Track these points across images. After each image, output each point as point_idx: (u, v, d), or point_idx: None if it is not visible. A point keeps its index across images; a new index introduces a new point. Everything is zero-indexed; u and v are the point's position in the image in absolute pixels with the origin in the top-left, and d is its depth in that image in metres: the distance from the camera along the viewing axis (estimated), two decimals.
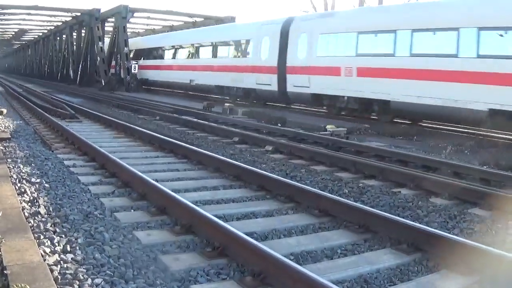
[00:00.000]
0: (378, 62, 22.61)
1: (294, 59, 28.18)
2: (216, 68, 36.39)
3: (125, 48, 47.34)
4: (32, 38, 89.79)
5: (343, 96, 24.79)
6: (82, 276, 5.07)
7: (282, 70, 29.05)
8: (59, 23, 65.46)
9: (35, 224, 6.51)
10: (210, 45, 38.41)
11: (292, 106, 31.25)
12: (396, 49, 21.83)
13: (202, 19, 53.36)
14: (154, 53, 48.66)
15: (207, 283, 5.53)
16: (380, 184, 10.69)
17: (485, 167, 12.81)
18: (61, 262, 5.38)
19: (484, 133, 19.00)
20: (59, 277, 4.97)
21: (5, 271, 4.75)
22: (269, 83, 30.07)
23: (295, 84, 27.92)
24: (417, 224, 7.26)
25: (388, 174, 11.18)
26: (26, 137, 15.25)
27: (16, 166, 10.37)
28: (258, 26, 32.32)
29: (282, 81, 29.06)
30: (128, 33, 52.38)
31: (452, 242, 6.28)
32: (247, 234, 6.36)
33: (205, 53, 39.28)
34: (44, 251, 5.52)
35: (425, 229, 6.85)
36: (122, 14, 47.83)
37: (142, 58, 50.17)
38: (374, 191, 10.07)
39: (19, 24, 67.28)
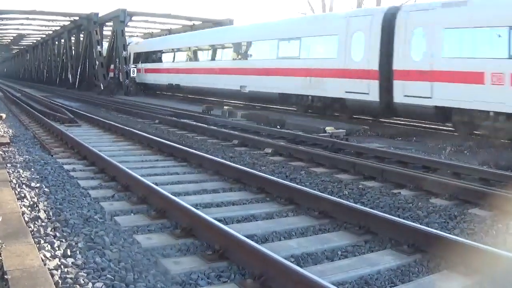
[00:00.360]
0: None
1: (406, 61, 20.88)
2: (282, 72, 27.92)
3: (124, 52, 47.33)
4: (31, 43, 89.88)
5: (488, 112, 17.95)
6: (83, 280, 5.06)
7: (386, 74, 21.78)
8: (58, 28, 65.56)
9: (35, 229, 6.51)
10: (272, 42, 29.69)
11: (290, 108, 29.63)
12: None
13: (201, 22, 53.39)
14: (182, 53, 43.35)
15: (208, 286, 5.53)
16: (380, 185, 10.69)
17: (484, 167, 12.79)
18: (62, 266, 5.37)
19: (484, 133, 18.96)
20: (60, 281, 4.97)
21: (5, 276, 4.75)
22: (366, 91, 22.59)
23: (408, 93, 20.63)
24: (418, 225, 7.26)
25: (388, 175, 11.17)
26: (25, 142, 15.26)
27: (16, 171, 10.36)
28: (345, 18, 24.29)
29: (386, 89, 21.72)
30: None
31: (452, 243, 6.28)
32: (247, 236, 6.37)
33: (262, 53, 31.05)
34: (45, 256, 5.51)
35: (425, 230, 6.85)
36: (120, 18, 47.83)
37: (157, 60, 46.71)
38: (374, 192, 10.07)
39: (18, 29, 67.37)
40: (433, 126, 21.76)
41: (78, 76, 57.30)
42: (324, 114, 25.78)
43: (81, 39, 58.24)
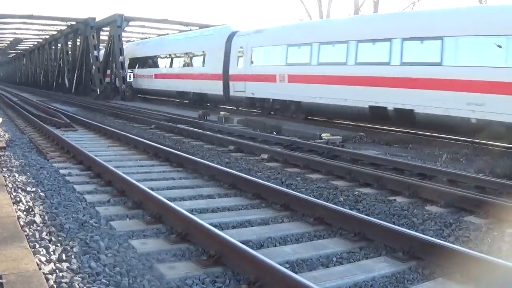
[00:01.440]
0: None
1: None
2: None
3: (120, 57, 47.28)
4: (28, 47, 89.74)
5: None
6: (78, 285, 5.06)
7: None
8: (55, 32, 65.43)
9: (30, 233, 6.50)
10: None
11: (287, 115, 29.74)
12: None
13: (197, 27, 53.36)
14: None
15: None
16: (376, 192, 10.70)
17: (480, 175, 12.82)
18: (57, 270, 5.37)
19: (480, 141, 18.99)
20: (55, 285, 4.97)
21: (0, 280, 4.74)
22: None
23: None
24: (413, 232, 7.27)
25: (384, 182, 11.19)
26: (21, 146, 15.25)
27: (12, 175, 10.35)
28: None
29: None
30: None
31: (447, 250, 6.29)
32: (242, 242, 6.36)
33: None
34: (40, 260, 5.51)
35: (420, 237, 6.86)
36: (117, 23, 47.77)
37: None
38: (369, 199, 10.08)
39: (14, 33, 67.24)
40: (429, 134, 21.76)
41: (74, 81, 57.20)
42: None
43: (78, 43, 58.13)
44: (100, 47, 54.06)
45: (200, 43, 38.88)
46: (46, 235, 6.56)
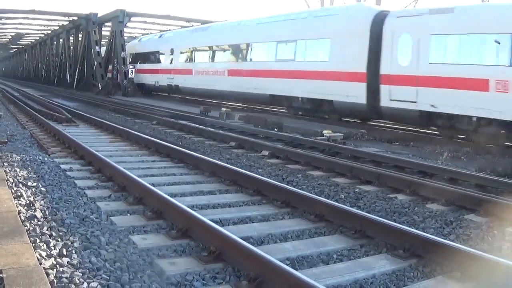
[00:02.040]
0: None
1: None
2: None
3: (122, 53, 47.24)
4: (29, 42, 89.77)
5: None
6: (78, 280, 5.06)
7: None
8: (56, 27, 65.42)
9: (31, 228, 6.50)
10: None
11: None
12: None
13: (200, 23, 53.32)
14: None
15: (203, 287, 5.53)
16: (377, 190, 10.70)
17: (481, 173, 12.81)
18: (57, 265, 5.37)
19: (481, 140, 18.97)
20: (55, 280, 4.97)
21: (1, 275, 4.75)
22: None
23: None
24: (413, 230, 7.27)
25: (385, 180, 11.18)
26: (22, 141, 15.26)
27: (13, 170, 10.36)
28: None
29: None
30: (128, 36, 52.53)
31: (448, 248, 6.29)
32: (243, 238, 6.38)
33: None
34: (40, 255, 5.51)
35: (421, 235, 6.86)
36: (119, 19, 47.73)
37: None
38: (370, 197, 10.08)
39: (16, 28, 67.29)
40: (431, 132, 21.75)
41: (76, 76, 57.16)
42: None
43: (80, 39, 58.10)
44: (102, 42, 54.04)
45: (321, 27, 26.13)
46: (47, 230, 6.57)
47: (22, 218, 6.87)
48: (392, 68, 21.46)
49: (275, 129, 21.06)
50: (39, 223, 6.83)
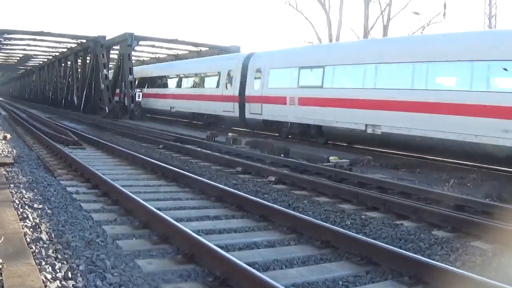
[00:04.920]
0: None
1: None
2: None
3: (130, 76, 47.39)
4: (37, 64, 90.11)
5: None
6: None
7: None
8: (65, 50, 65.66)
9: (36, 250, 6.51)
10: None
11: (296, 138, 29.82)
12: None
13: (207, 48, 53.54)
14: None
15: None
16: (383, 216, 10.68)
17: (487, 200, 12.79)
18: None
19: (487, 166, 18.94)
20: None
21: None
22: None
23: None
24: (419, 257, 7.25)
25: (391, 206, 11.17)
26: (29, 163, 15.29)
27: (19, 192, 10.39)
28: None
29: None
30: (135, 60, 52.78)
31: (454, 275, 6.27)
32: (248, 264, 6.37)
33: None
34: (45, 277, 5.52)
35: (427, 262, 6.85)
36: (128, 42, 47.90)
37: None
38: (376, 223, 10.06)
39: (25, 49, 67.50)
40: (436, 158, 21.73)
41: (83, 99, 57.27)
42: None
43: (88, 61, 58.27)
44: (109, 65, 54.23)
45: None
46: (53, 252, 6.58)
47: (28, 240, 6.88)
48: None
49: (282, 155, 21.06)
50: (45, 245, 6.84)
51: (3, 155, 16.26)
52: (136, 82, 50.53)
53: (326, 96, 25.37)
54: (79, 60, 62.99)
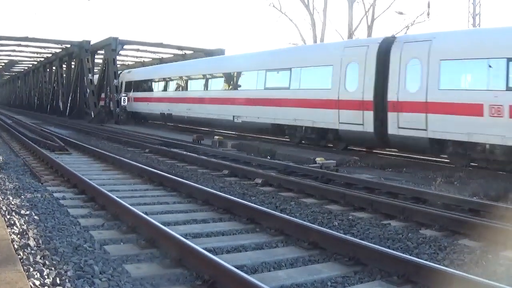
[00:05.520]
0: None
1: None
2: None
3: (115, 81, 47.32)
4: (22, 70, 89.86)
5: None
6: None
7: None
8: (49, 55, 65.49)
9: (24, 256, 6.49)
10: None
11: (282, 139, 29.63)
12: None
13: (192, 51, 53.50)
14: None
15: None
16: (370, 216, 10.70)
17: (474, 198, 12.83)
18: None
19: (474, 164, 19.01)
20: None
21: None
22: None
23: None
24: (407, 256, 7.28)
25: (378, 206, 11.19)
26: (15, 169, 15.24)
27: (6, 198, 10.35)
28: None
29: None
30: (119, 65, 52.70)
31: (442, 274, 6.28)
32: (237, 267, 6.36)
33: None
34: (34, 284, 5.50)
35: (415, 261, 6.87)
36: (112, 46, 47.88)
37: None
38: (364, 224, 10.08)
39: (9, 55, 67.33)
40: (423, 157, 21.79)
41: (69, 104, 57.16)
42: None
43: (73, 66, 58.16)
44: (94, 70, 54.13)
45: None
46: (40, 258, 6.56)
47: (16, 246, 6.86)
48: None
49: (268, 157, 21.06)
50: (33, 251, 6.82)
51: None
52: (162, 84, 43.84)
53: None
54: (64, 66, 62.86)
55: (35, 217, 9.03)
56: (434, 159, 21.12)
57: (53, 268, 6.23)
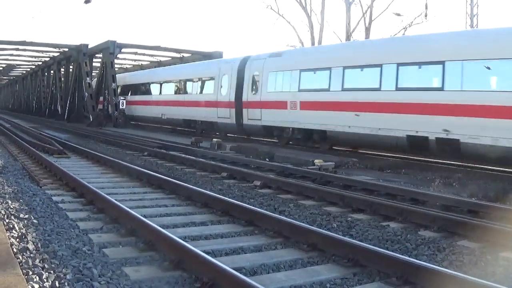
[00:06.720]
0: None
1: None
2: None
3: (113, 84, 47.30)
4: (20, 74, 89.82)
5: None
6: None
7: None
8: (47, 59, 65.47)
9: (23, 260, 6.48)
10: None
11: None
12: None
13: (190, 54, 53.49)
14: None
15: None
16: (369, 218, 10.71)
17: (473, 199, 12.85)
18: None
19: (472, 165, 19.04)
20: None
21: None
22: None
23: None
24: (406, 257, 7.28)
25: (377, 208, 11.19)
26: (14, 173, 15.24)
27: (4, 202, 10.33)
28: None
29: None
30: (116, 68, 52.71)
31: (441, 275, 6.28)
32: (235, 269, 6.36)
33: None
34: (33, 287, 5.49)
35: (414, 262, 6.87)
36: (110, 50, 47.85)
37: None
38: (362, 225, 10.08)
39: (7, 59, 67.29)
40: (421, 159, 21.81)
41: (67, 108, 57.09)
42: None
43: (71, 70, 58.13)
44: (92, 73, 54.12)
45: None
46: (39, 262, 6.55)
47: (15, 250, 6.85)
48: None
49: (267, 159, 21.07)
50: (32, 255, 6.81)
51: None
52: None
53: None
54: (62, 69, 62.85)
55: (34, 220, 9.02)
56: (433, 160, 21.11)
57: (52, 272, 6.22)
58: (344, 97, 23.30)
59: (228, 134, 33.98)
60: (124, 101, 47.18)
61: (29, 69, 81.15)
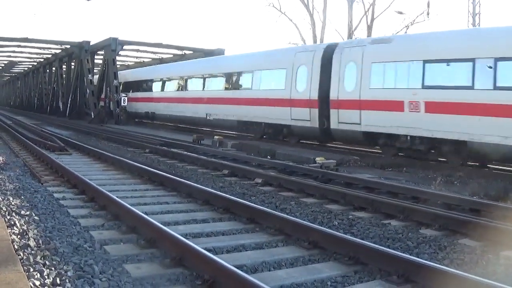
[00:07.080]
0: None
1: None
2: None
3: (115, 81, 47.26)
4: (22, 70, 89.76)
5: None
6: None
7: None
8: (49, 56, 65.42)
9: (24, 257, 6.48)
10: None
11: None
12: None
13: (192, 51, 53.44)
14: None
15: None
16: (370, 216, 10.69)
17: (474, 197, 12.83)
18: None
19: (474, 163, 19.02)
20: None
21: None
22: None
23: None
24: (407, 256, 7.27)
25: (378, 206, 11.18)
26: (15, 170, 15.22)
27: (6, 199, 10.33)
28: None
29: None
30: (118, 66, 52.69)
31: (442, 273, 6.28)
32: (237, 266, 6.36)
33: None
34: (34, 284, 5.49)
35: (415, 260, 6.87)
36: (112, 47, 47.80)
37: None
38: (364, 223, 10.08)
39: (9, 56, 67.21)
40: (423, 157, 21.76)
41: (69, 104, 57.07)
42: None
43: (72, 67, 58.10)
44: (94, 70, 54.09)
45: None
46: (40, 259, 6.55)
47: (16, 247, 6.84)
48: None
49: (268, 157, 21.03)
50: (33, 252, 6.81)
51: None
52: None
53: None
54: (63, 66, 62.84)
55: (35, 217, 9.02)
56: (435, 158, 21.07)
57: (53, 268, 6.22)
58: (497, 98, 17.21)
59: (304, 141, 27.81)
60: (126, 98, 47.10)
61: (31, 66, 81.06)
